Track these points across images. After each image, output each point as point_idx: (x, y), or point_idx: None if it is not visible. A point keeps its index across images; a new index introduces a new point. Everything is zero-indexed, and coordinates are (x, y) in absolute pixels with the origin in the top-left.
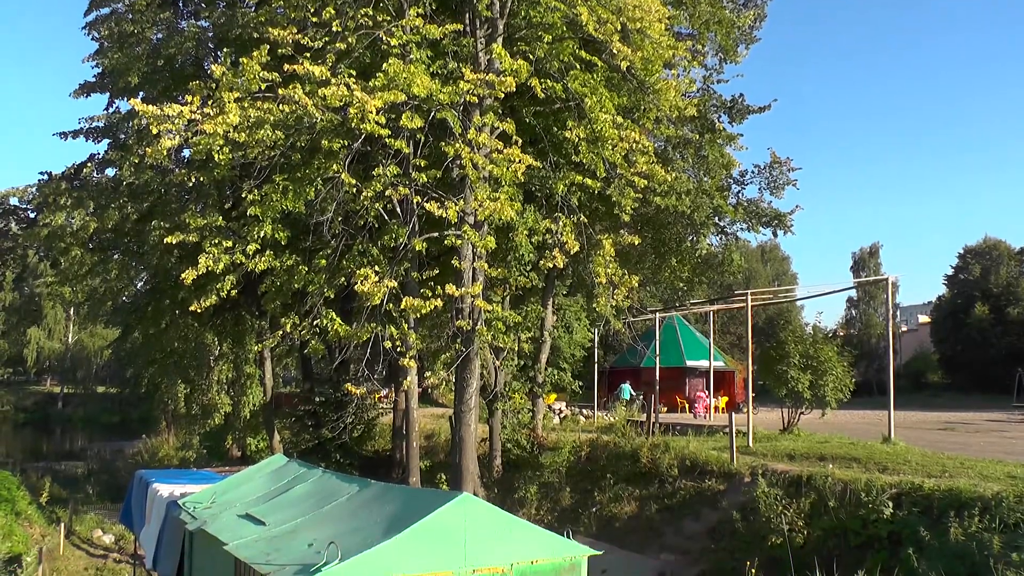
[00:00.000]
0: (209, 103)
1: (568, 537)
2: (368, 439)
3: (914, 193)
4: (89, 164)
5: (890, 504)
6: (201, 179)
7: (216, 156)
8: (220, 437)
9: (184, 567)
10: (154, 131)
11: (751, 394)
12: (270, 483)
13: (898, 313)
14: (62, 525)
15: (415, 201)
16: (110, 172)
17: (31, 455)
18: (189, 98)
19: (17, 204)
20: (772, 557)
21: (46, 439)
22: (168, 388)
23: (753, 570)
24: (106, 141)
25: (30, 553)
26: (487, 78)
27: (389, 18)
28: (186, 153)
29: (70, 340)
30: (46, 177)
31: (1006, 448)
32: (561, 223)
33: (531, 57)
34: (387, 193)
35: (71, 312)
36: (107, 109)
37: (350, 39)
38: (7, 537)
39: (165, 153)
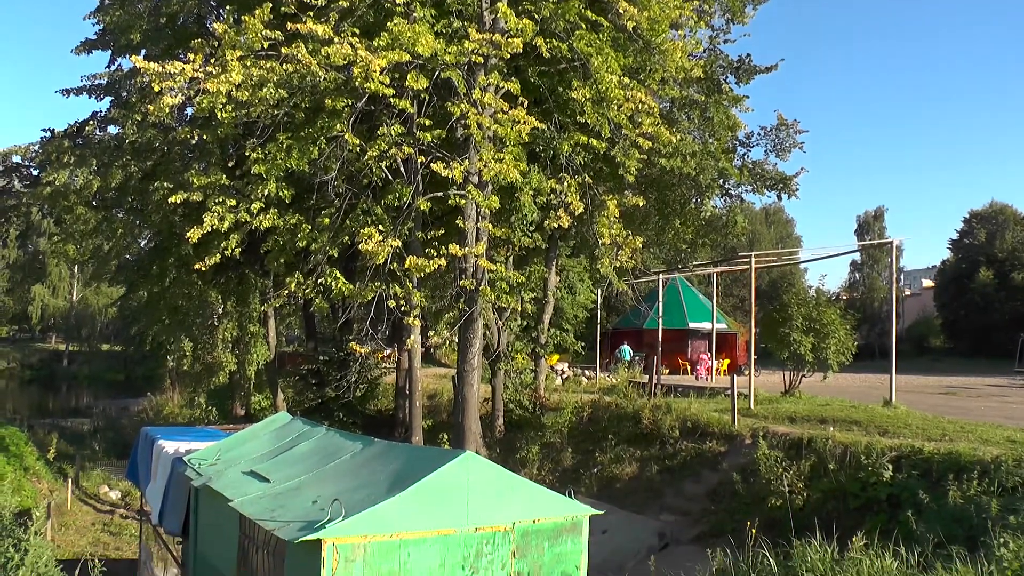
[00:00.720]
0: (211, 61)
1: (570, 497)
2: (371, 398)
3: (920, 157)
4: (92, 122)
5: (890, 467)
6: (204, 137)
7: (219, 114)
8: (225, 395)
9: (190, 523)
10: (156, 88)
11: (753, 356)
12: (274, 441)
13: (902, 277)
14: (69, 481)
15: (419, 161)
16: (113, 130)
17: (38, 412)
18: (191, 56)
19: (20, 161)
20: (772, 518)
21: (52, 396)
22: (173, 346)
23: (753, 531)
24: (108, 99)
25: (39, 507)
26: (492, 38)
27: None
28: (189, 111)
29: (74, 298)
30: (48, 134)
31: (1006, 413)
32: (566, 183)
33: (536, 17)
34: (391, 153)
35: (75, 270)
36: (109, 66)
37: None
38: (16, 491)
39: (167, 111)
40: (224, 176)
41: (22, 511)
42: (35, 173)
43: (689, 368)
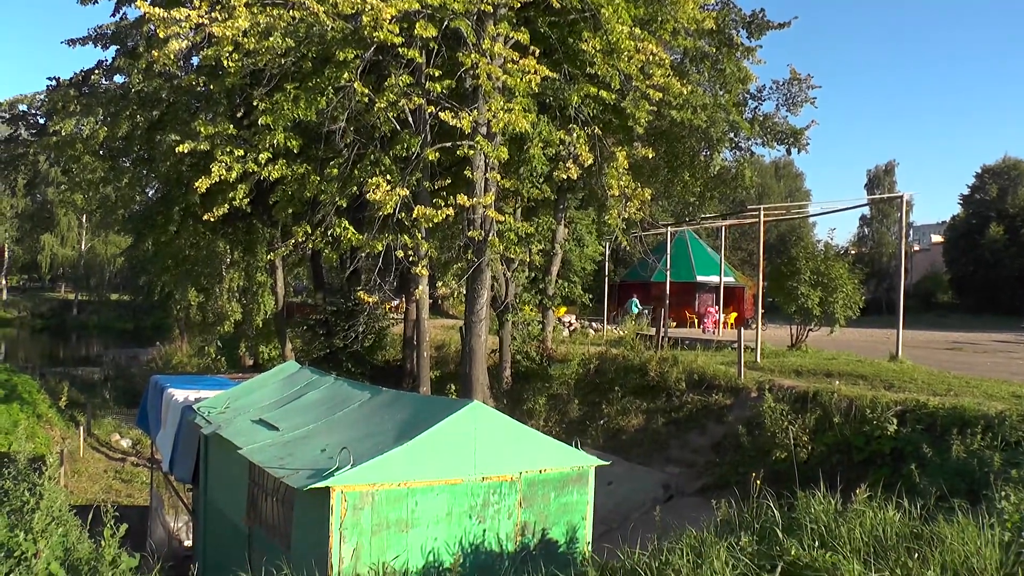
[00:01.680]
0: (217, 8)
1: (576, 448)
2: (379, 348)
3: (933, 111)
4: (97, 71)
5: (894, 421)
6: (211, 87)
7: (226, 63)
8: (234, 344)
9: (200, 470)
10: (161, 35)
11: (760, 310)
12: (283, 389)
13: (911, 232)
14: (81, 428)
15: (428, 111)
16: (119, 79)
17: (49, 360)
18: (197, 2)
19: (26, 110)
20: (776, 471)
21: (62, 345)
22: (181, 296)
23: (758, 483)
24: (114, 48)
25: (52, 454)
26: None
27: None
28: (195, 61)
29: (83, 247)
30: (54, 83)
31: (1012, 369)
32: (575, 135)
33: None
34: (400, 103)
35: (84, 219)
36: (114, 15)
37: None
38: (30, 438)
39: (173, 57)
40: (231, 126)
41: (36, 457)
42: (42, 122)
43: (696, 321)
